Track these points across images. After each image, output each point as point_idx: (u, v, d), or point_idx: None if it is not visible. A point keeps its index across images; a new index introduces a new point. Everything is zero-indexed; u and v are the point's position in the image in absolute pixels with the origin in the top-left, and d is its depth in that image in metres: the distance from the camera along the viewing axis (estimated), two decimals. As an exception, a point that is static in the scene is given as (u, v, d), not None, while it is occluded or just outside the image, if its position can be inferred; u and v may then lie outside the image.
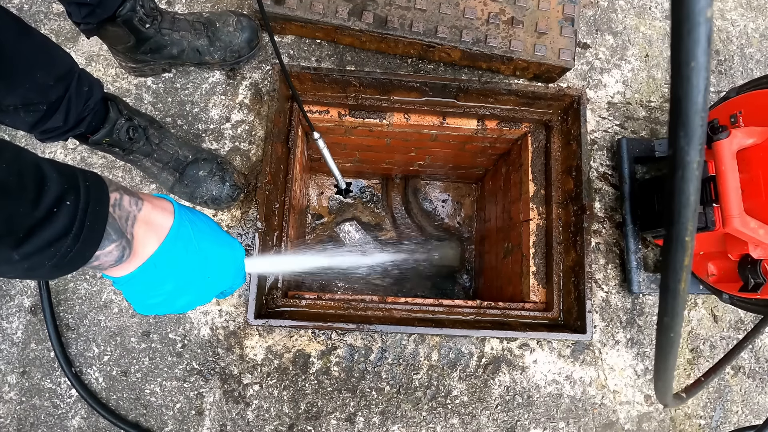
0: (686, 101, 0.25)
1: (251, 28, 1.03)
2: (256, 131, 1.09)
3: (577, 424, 1.03)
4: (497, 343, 1.04)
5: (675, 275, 0.29)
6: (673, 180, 0.26)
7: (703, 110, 0.25)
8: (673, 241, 0.28)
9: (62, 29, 1.09)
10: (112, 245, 0.47)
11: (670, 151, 0.26)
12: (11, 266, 0.40)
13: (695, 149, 0.25)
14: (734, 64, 1.23)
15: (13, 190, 0.37)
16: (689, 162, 0.25)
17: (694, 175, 0.26)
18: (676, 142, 0.25)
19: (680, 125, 0.25)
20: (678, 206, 0.27)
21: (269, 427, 0.98)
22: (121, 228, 0.48)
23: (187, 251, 0.54)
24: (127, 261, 0.50)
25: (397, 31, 1.04)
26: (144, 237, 0.50)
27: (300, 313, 1.01)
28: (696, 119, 0.25)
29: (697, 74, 0.24)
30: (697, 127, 0.25)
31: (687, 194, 0.26)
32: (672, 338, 0.34)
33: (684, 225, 0.27)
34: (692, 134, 0.25)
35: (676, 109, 0.25)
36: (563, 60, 1.07)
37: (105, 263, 0.48)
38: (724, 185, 0.75)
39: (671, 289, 0.30)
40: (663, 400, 0.43)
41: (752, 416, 1.07)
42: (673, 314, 0.32)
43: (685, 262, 0.28)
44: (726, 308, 1.10)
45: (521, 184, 1.25)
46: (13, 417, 0.96)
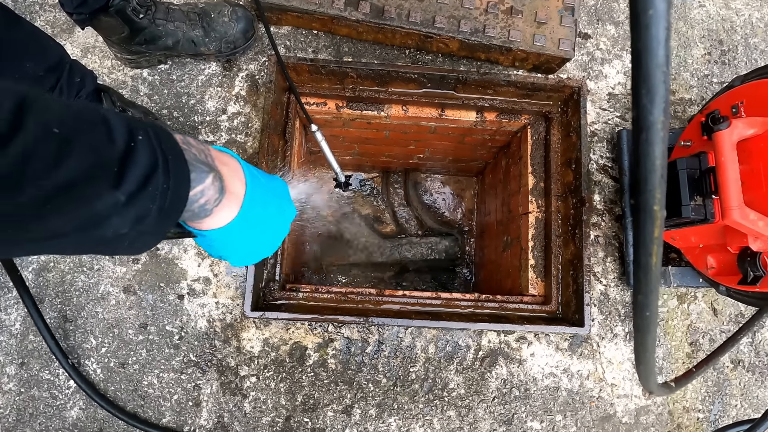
0: (646, 54, 0.23)
1: (246, 18, 1.02)
2: (252, 123, 1.08)
3: (575, 417, 1.02)
4: (495, 336, 1.04)
5: (645, 248, 0.27)
6: (638, 143, 0.24)
7: (665, 64, 0.22)
8: (641, 211, 0.26)
9: (57, 21, 1.08)
10: (208, 178, 0.42)
11: (634, 112, 0.24)
12: (121, 216, 0.35)
13: (659, 108, 0.23)
14: (738, 55, 1.21)
15: (86, 127, 0.33)
16: (653, 122, 0.23)
17: (659, 136, 0.24)
18: (638, 100, 0.23)
19: (641, 81, 0.23)
20: (644, 172, 0.25)
21: (266, 419, 0.98)
22: (206, 161, 0.43)
23: (264, 189, 0.51)
24: (225, 202, 0.45)
25: (395, 21, 1.03)
26: (228, 175, 0.46)
27: (297, 305, 1.01)
28: (657, 73, 0.23)
29: (657, 23, 0.22)
30: (659, 82, 0.23)
31: (652, 158, 0.24)
32: (648, 318, 0.31)
33: (651, 193, 0.25)
34: (654, 91, 0.23)
35: (637, 64, 0.23)
36: (563, 50, 1.05)
37: (210, 198, 0.43)
38: (723, 177, 0.74)
39: (643, 264, 0.28)
40: (647, 386, 0.41)
41: (751, 410, 1.06)
42: (647, 291, 0.30)
43: (654, 233, 0.26)
44: (726, 302, 1.09)
45: (520, 176, 1.24)
46: (12, 407, 0.97)
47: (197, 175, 0.41)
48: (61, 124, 0.31)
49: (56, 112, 0.31)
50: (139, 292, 1.00)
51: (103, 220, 0.34)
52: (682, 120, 1.16)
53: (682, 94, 1.18)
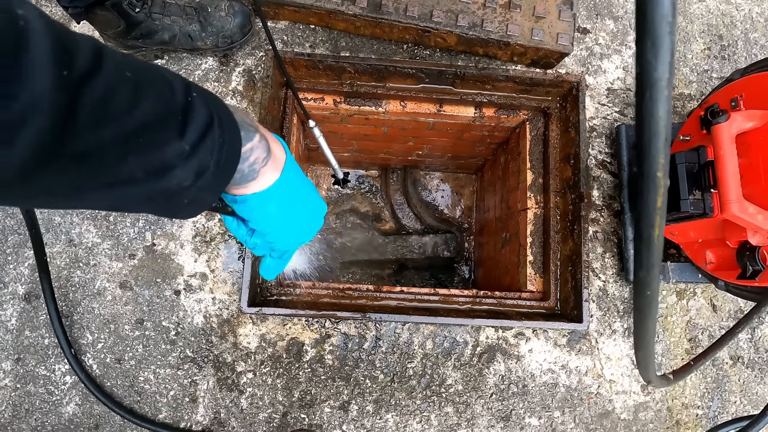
0: (650, 4, 0.21)
1: (243, 13, 1.02)
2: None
3: (573, 414, 1.02)
4: (492, 332, 1.03)
5: (648, 219, 0.25)
6: (642, 103, 0.22)
7: (671, 14, 0.21)
8: (644, 178, 0.24)
9: (53, 15, 1.08)
10: (255, 136, 0.45)
11: (637, 68, 0.22)
12: (185, 168, 0.37)
13: (664, 63, 0.21)
14: (738, 49, 1.20)
15: (150, 76, 0.35)
16: (658, 79, 0.22)
17: (664, 95, 0.22)
18: (642, 55, 0.22)
19: (646, 34, 0.21)
20: (647, 135, 0.23)
21: (263, 415, 0.98)
22: (251, 124, 0.45)
23: (297, 167, 0.52)
24: (270, 164, 0.47)
25: (392, 16, 1.02)
26: (272, 140, 0.48)
27: (294, 301, 1.01)
28: (663, 25, 0.21)
29: None
30: (665, 34, 0.21)
31: (657, 119, 0.22)
32: (649, 297, 0.29)
33: (654, 157, 0.23)
34: (659, 44, 0.21)
35: (641, 15, 0.21)
36: (561, 45, 1.04)
37: (259, 157, 0.45)
38: (722, 170, 0.73)
39: (645, 236, 0.26)
40: (645, 375, 0.39)
41: (750, 406, 1.06)
42: (649, 267, 0.27)
43: (657, 202, 0.24)
44: (725, 298, 1.08)
45: (519, 172, 1.23)
46: (8, 403, 0.96)
47: (246, 133, 0.43)
48: (134, 70, 0.33)
49: (126, 59, 0.34)
50: (136, 288, 1.00)
51: (170, 169, 0.36)
52: (682, 115, 1.15)
53: (682, 89, 1.17)
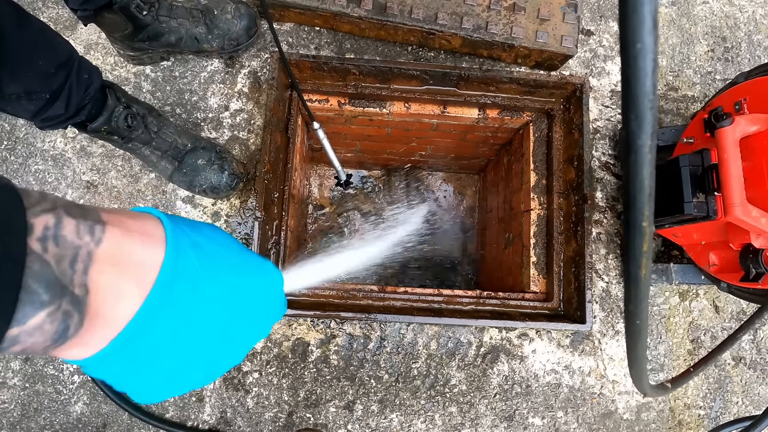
0: (634, 83, 0.24)
1: (249, 15, 1.02)
2: (255, 120, 1.08)
3: (576, 414, 1.03)
4: (496, 333, 1.04)
5: (635, 261, 0.29)
6: (627, 164, 0.26)
7: (651, 93, 0.24)
8: (630, 227, 0.28)
9: (60, 17, 1.09)
10: (40, 314, 0.27)
11: (623, 135, 0.26)
12: None
13: (646, 132, 0.25)
14: (741, 51, 1.20)
15: None
16: (641, 146, 0.25)
17: (647, 159, 0.26)
18: (627, 125, 0.25)
19: (630, 108, 0.25)
20: (633, 191, 0.27)
21: (268, 414, 0.99)
22: (59, 279, 0.28)
23: (197, 298, 0.34)
24: (81, 334, 0.30)
25: (397, 18, 1.03)
26: (112, 288, 0.30)
27: (299, 301, 1.02)
28: (644, 102, 0.24)
29: (644, 56, 0.24)
30: (647, 110, 0.24)
31: (641, 178, 0.26)
32: (638, 325, 0.34)
33: (640, 210, 0.27)
34: (642, 117, 0.25)
35: (626, 91, 0.25)
36: (565, 47, 1.05)
37: (33, 346, 0.28)
38: (726, 173, 0.74)
39: (633, 276, 0.30)
40: (640, 388, 0.44)
41: (752, 407, 1.07)
42: (637, 301, 0.32)
43: (643, 248, 0.28)
44: (728, 299, 1.09)
45: (522, 174, 1.24)
46: (17, 402, 0.98)
47: (21, 310, 0.26)
48: None
49: None
50: (143, 288, 1.01)
51: None
52: (685, 117, 1.15)
53: (685, 91, 1.17)
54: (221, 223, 1.04)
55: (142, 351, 0.32)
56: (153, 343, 0.32)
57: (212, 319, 0.35)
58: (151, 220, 0.34)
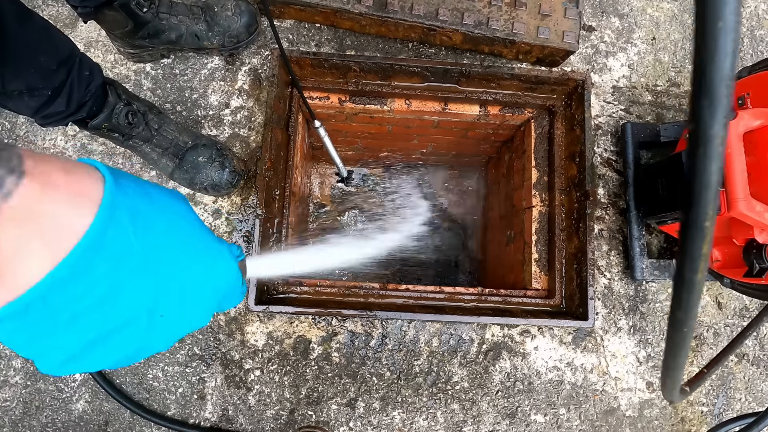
0: (711, 66, 0.22)
1: (250, 12, 1.02)
2: (255, 117, 1.08)
3: (578, 411, 1.02)
4: (498, 330, 1.04)
5: (692, 264, 0.26)
6: (695, 158, 0.23)
7: (729, 77, 0.22)
8: (691, 227, 0.25)
9: (60, 15, 1.08)
10: None
11: (691, 126, 0.23)
12: None
13: (720, 123, 0.22)
14: (744, 47, 1.20)
15: None
16: (713, 137, 0.23)
17: (717, 152, 0.23)
18: (698, 113, 0.23)
19: (704, 94, 0.22)
20: (698, 187, 0.24)
21: (270, 412, 0.99)
22: None
23: (122, 274, 0.30)
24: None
25: (398, 14, 1.02)
26: (16, 248, 0.27)
27: (301, 299, 1.01)
28: (722, 87, 0.22)
29: (725, 35, 0.21)
30: (723, 96, 0.22)
31: (709, 173, 0.23)
32: (685, 333, 0.30)
33: (704, 208, 0.24)
34: (717, 104, 0.22)
35: (700, 75, 0.22)
36: (567, 43, 1.04)
37: None
38: (729, 168, 0.73)
39: (687, 280, 0.27)
40: (670, 397, 0.41)
41: (755, 403, 1.06)
42: (688, 308, 0.28)
43: (703, 249, 0.25)
44: (731, 295, 1.08)
45: (524, 170, 1.23)
46: (19, 400, 0.98)
47: None
48: None
49: None
50: (144, 286, 1.00)
51: None
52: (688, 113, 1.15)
53: (688, 86, 1.17)
54: (222, 220, 1.04)
55: (42, 321, 0.29)
56: (61, 313, 0.29)
57: (135, 302, 0.31)
58: (90, 177, 0.30)
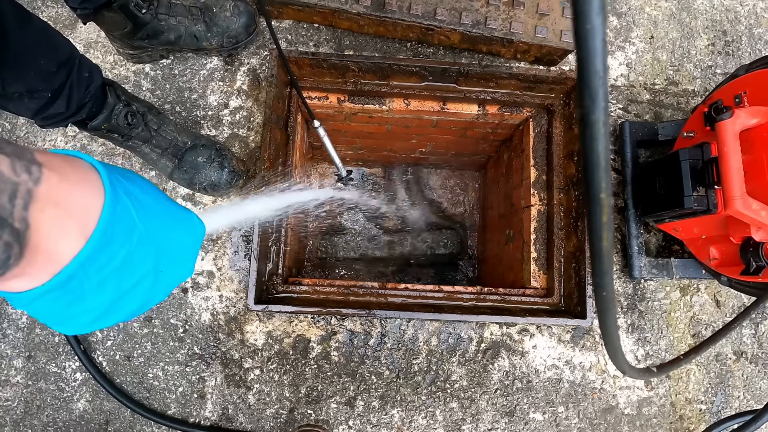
0: (585, 62, 0.26)
1: (248, 12, 1.02)
2: (254, 117, 1.08)
3: (577, 409, 1.03)
4: (497, 329, 1.04)
5: (596, 233, 0.30)
6: (584, 140, 0.28)
7: (602, 70, 0.26)
8: (590, 200, 0.29)
9: (60, 16, 1.09)
10: None
11: (578, 113, 0.28)
12: None
13: (599, 108, 0.27)
14: (742, 45, 1.20)
15: None
16: (595, 121, 0.27)
17: (601, 133, 0.27)
18: (581, 102, 0.27)
19: (584, 86, 0.27)
20: (590, 165, 0.28)
21: (270, 411, 0.99)
22: None
23: (132, 242, 0.37)
24: (23, 266, 0.31)
25: (396, 14, 1.02)
26: (53, 226, 0.32)
27: (300, 298, 1.02)
28: (596, 80, 0.26)
29: (593, 36, 0.25)
30: (598, 87, 0.26)
31: (596, 152, 0.28)
32: (605, 297, 0.34)
33: (598, 183, 0.29)
34: (594, 94, 0.26)
35: (579, 70, 0.26)
36: (565, 42, 1.05)
37: None
38: (726, 166, 0.74)
39: (595, 249, 0.31)
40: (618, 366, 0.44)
41: (754, 401, 1.07)
42: (602, 273, 0.32)
43: (603, 219, 0.30)
44: (729, 294, 1.09)
45: (522, 169, 1.24)
46: (20, 400, 0.98)
47: None
48: None
49: None
50: (144, 286, 1.01)
51: None
52: (685, 112, 1.15)
53: (686, 85, 1.17)
54: (222, 220, 1.04)
55: (81, 286, 0.35)
56: (92, 280, 0.35)
57: (144, 264, 0.39)
58: (87, 167, 0.36)
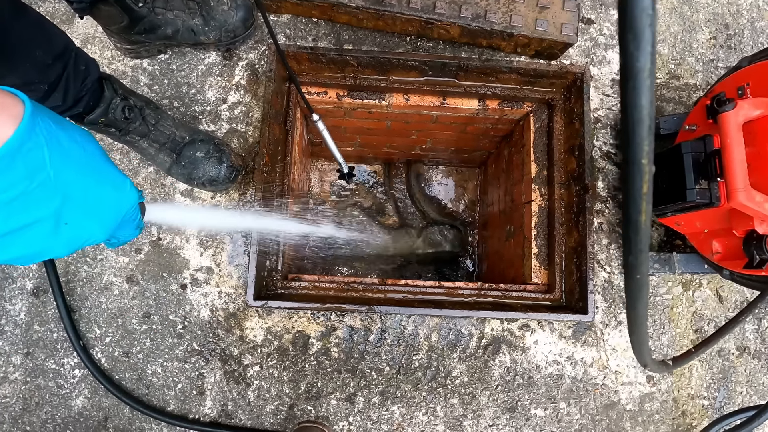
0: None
1: (246, 6, 1.01)
2: (253, 113, 1.08)
3: (578, 405, 1.02)
4: (498, 324, 1.03)
5: (635, 205, 0.26)
6: (626, 93, 0.24)
7: (650, 7, 0.22)
8: (629, 165, 0.25)
9: (57, 11, 1.08)
10: None
11: (621, 60, 0.24)
12: None
13: (645, 53, 0.23)
14: (744, 38, 1.19)
15: None
16: (640, 69, 0.23)
17: (646, 84, 0.23)
18: (624, 47, 0.23)
19: (627, 27, 0.23)
20: (631, 123, 0.24)
21: (270, 407, 0.99)
22: None
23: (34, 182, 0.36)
24: None
25: (395, 8, 1.02)
26: None
27: (299, 294, 1.01)
28: (643, 17, 0.22)
29: None
30: (645, 26, 0.22)
31: (640, 107, 0.24)
32: (639, 280, 0.30)
33: (639, 145, 0.24)
34: (640, 36, 0.23)
35: (622, 11, 0.23)
36: (565, 35, 1.04)
37: None
38: (729, 159, 0.73)
39: (633, 221, 0.27)
40: (640, 358, 0.40)
41: (757, 397, 1.06)
42: (638, 251, 0.28)
43: (644, 189, 0.25)
44: (732, 288, 1.08)
45: (523, 165, 1.23)
46: (19, 396, 0.98)
47: None
48: None
49: None
50: (142, 282, 1.00)
51: None
52: (687, 106, 1.14)
53: (687, 79, 1.16)
54: (220, 216, 1.04)
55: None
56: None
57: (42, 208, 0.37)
58: (13, 100, 0.35)
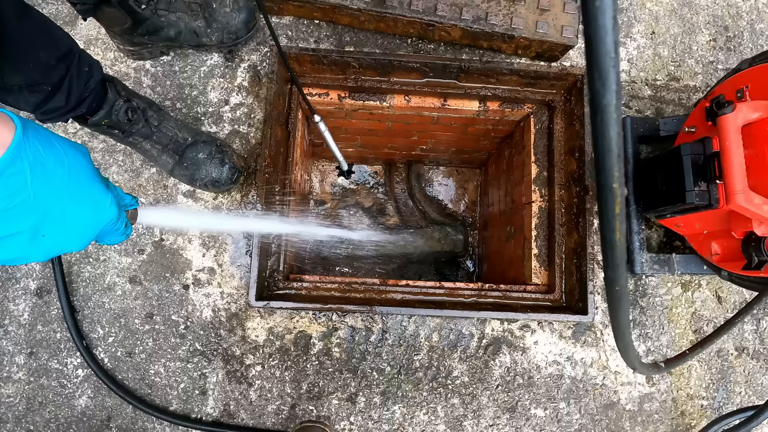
0: (596, 41, 0.24)
1: (248, 8, 1.02)
2: (255, 114, 1.08)
3: (578, 405, 1.03)
4: (498, 325, 1.04)
5: (609, 224, 0.29)
6: (594, 124, 0.26)
7: (613, 50, 0.24)
8: (601, 189, 0.28)
9: (60, 13, 1.09)
10: None
11: (588, 96, 0.26)
12: None
13: (610, 91, 0.25)
14: (744, 41, 1.20)
15: None
16: (606, 105, 0.25)
17: (612, 117, 0.26)
18: (591, 85, 0.25)
19: (593, 67, 0.25)
20: (601, 152, 0.27)
21: (271, 407, 0.99)
22: None
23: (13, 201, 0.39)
24: None
25: (396, 10, 1.02)
26: None
27: (301, 295, 1.02)
28: (607, 60, 0.24)
29: (603, 13, 0.24)
30: (609, 68, 0.25)
31: (608, 138, 0.26)
32: (618, 292, 0.33)
33: (610, 171, 0.27)
34: (605, 76, 0.25)
35: (589, 50, 0.25)
36: (566, 37, 1.04)
37: None
38: (728, 161, 0.74)
39: (608, 240, 0.30)
40: (628, 362, 0.43)
41: (755, 397, 1.06)
42: (614, 266, 0.31)
43: (616, 210, 0.28)
44: (731, 289, 1.08)
45: (523, 166, 1.23)
46: (22, 396, 0.98)
47: None
48: None
49: None
50: (145, 283, 1.01)
51: None
52: (687, 107, 1.15)
53: (687, 81, 1.17)
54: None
55: None
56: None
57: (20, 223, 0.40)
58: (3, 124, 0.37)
